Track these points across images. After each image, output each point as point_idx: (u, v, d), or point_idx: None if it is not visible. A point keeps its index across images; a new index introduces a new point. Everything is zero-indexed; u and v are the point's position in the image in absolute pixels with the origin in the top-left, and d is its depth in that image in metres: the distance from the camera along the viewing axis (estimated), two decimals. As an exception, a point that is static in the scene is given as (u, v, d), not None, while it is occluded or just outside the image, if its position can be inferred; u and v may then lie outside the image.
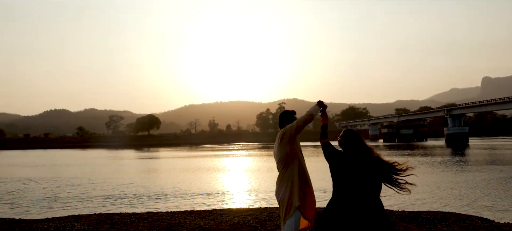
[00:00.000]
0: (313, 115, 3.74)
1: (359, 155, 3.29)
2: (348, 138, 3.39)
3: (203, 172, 20.81)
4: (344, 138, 3.41)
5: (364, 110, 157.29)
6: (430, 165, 22.09)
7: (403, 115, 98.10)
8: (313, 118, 3.75)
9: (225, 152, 48.61)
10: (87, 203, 11.35)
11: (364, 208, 3.10)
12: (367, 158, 3.28)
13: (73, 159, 38.92)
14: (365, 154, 3.30)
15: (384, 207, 3.25)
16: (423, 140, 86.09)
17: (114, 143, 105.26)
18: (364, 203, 3.12)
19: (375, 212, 3.12)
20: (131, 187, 14.85)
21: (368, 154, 3.31)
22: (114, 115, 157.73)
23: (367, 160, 3.26)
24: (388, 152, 38.59)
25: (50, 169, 25.36)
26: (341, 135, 3.46)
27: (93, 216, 7.81)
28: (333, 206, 3.24)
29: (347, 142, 3.38)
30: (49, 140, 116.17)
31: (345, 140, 3.39)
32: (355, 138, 3.38)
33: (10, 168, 27.18)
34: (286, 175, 3.73)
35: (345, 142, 3.38)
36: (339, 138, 3.47)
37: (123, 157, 41.94)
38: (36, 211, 10.24)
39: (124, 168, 25.85)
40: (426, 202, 10.52)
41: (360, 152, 3.31)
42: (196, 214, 7.85)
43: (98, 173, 21.80)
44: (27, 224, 7.02)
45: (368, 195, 3.15)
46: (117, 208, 10.31)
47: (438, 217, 6.93)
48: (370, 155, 3.31)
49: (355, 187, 3.15)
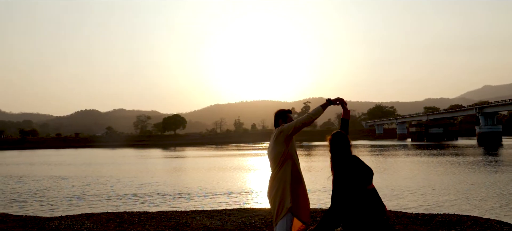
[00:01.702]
0: (313, 119, 3.62)
1: (345, 159, 3.21)
2: (336, 142, 3.29)
3: (227, 171, 20.89)
4: (332, 142, 3.31)
5: (392, 109, 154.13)
6: (459, 165, 21.38)
7: (432, 113, 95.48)
8: (313, 122, 3.63)
9: (250, 151, 48.71)
10: (112, 201, 11.59)
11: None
12: (352, 163, 3.19)
13: (102, 158, 39.92)
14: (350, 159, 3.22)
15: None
16: (454, 139, 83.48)
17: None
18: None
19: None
20: (155, 186, 15.06)
21: (353, 160, 3.22)
22: (142, 115, 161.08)
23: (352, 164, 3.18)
24: (416, 152, 37.63)
25: (79, 168, 26.10)
26: (330, 138, 3.34)
27: (104, 215, 7.96)
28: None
29: (335, 146, 3.29)
30: (79, 139, 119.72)
31: (334, 143, 3.30)
32: (342, 142, 3.27)
33: (43, 166, 28.15)
34: (279, 175, 3.65)
35: (334, 146, 3.29)
36: (328, 142, 3.37)
37: (150, 155, 42.70)
38: (63, 209, 10.54)
39: (151, 167, 26.28)
40: (445, 205, 10.14)
41: (346, 157, 3.22)
42: (205, 213, 7.86)
43: (126, 171, 22.25)
44: (40, 221, 7.24)
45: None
46: (140, 207, 10.47)
47: (453, 221, 6.59)
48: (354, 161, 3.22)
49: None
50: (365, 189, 3.14)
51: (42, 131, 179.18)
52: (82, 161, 34.69)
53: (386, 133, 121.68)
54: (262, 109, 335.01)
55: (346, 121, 3.68)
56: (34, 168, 26.66)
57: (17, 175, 21.50)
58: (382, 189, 13.03)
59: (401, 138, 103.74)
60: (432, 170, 19.41)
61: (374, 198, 3.14)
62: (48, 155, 51.79)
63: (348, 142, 3.29)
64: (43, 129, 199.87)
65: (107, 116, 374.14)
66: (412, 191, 12.50)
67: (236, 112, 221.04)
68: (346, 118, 3.69)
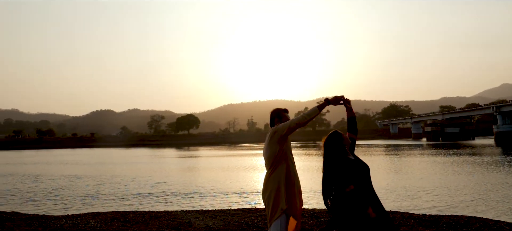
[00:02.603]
0: (308, 120, 3.55)
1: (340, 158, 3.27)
2: (327, 144, 3.35)
3: (239, 171, 20.90)
4: (325, 144, 3.36)
5: (406, 108, 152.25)
6: (476, 165, 20.96)
7: (448, 113, 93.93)
8: (308, 122, 3.57)
9: (262, 150, 48.63)
10: (125, 201, 11.69)
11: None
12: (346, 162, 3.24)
13: (117, 157, 40.39)
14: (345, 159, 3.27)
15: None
16: (470, 138, 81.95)
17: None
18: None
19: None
20: (168, 185, 15.15)
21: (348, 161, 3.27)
22: (156, 115, 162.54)
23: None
24: (432, 151, 37.07)
25: (94, 167, 26.45)
26: (324, 140, 3.40)
27: (110, 214, 8.03)
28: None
29: (326, 148, 3.34)
30: (94, 139, 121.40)
31: (326, 145, 3.35)
32: (332, 145, 3.33)
33: (59, 166, 28.61)
34: (273, 176, 3.60)
35: (325, 148, 3.34)
36: (323, 142, 3.39)
37: (165, 155, 43.03)
38: (76, 207, 10.66)
39: (165, 166, 26.46)
40: (460, 206, 9.90)
41: (333, 159, 3.28)
42: (209, 213, 7.85)
43: (140, 171, 22.44)
44: (46, 220, 7.35)
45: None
46: (151, 206, 10.53)
47: (461, 222, 6.40)
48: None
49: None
50: (342, 191, 3.13)
51: (58, 130, 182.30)
52: (97, 160, 35.16)
53: (401, 133, 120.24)
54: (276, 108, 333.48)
55: (352, 118, 3.60)
56: (50, 167, 27.11)
57: (34, 174, 21.90)
58: (396, 189, 12.86)
59: (416, 137, 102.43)
60: (447, 170, 19.07)
61: (352, 200, 3.11)
62: (64, 154, 52.64)
63: (341, 144, 3.30)
64: (59, 129, 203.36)
65: (122, 116, 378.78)
66: (426, 191, 12.30)
67: (249, 112, 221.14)
68: (351, 115, 3.60)
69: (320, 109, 3.54)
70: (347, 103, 3.57)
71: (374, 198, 3.17)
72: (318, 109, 3.53)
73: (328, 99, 3.56)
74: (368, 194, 3.14)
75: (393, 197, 11.36)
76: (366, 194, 3.14)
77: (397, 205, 10.03)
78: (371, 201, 3.13)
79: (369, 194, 3.15)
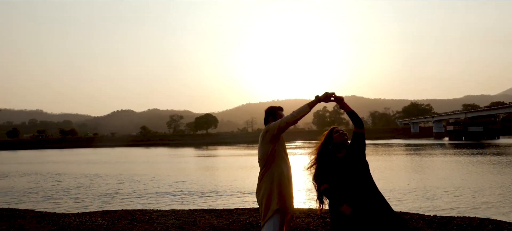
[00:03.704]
0: (298, 118, 3.51)
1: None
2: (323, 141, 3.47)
3: (257, 170, 20.84)
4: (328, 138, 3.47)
5: (428, 106, 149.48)
6: (501, 166, 20.33)
7: (471, 111, 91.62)
8: (298, 121, 3.53)
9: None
10: (142, 199, 11.80)
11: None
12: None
13: (136, 157, 40.96)
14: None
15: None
16: (495, 138, 79.66)
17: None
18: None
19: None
20: (187, 184, 15.23)
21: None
22: (175, 114, 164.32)
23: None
24: (454, 151, 36.19)
25: (114, 166, 26.86)
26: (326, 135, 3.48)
27: (118, 212, 8.11)
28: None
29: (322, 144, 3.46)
30: (115, 139, 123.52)
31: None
32: (325, 141, 3.47)
33: (80, 165, 29.19)
34: (266, 176, 3.57)
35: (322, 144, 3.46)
36: (323, 138, 3.45)
37: (183, 154, 43.40)
38: (95, 206, 10.83)
39: (183, 165, 26.67)
40: (482, 207, 9.56)
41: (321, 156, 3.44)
42: (216, 213, 7.84)
43: (159, 170, 22.67)
44: (57, 218, 7.51)
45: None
46: (168, 205, 10.58)
47: (473, 224, 6.13)
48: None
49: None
50: (318, 190, 3.36)
51: (80, 130, 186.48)
52: (117, 160, 35.71)
53: (422, 132, 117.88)
54: (294, 108, 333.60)
55: (351, 113, 3.46)
56: (72, 166, 27.69)
57: (56, 172, 22.40)
58: (415, 189, 12.57)
59: (437, 136, 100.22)
60: (471, 170, 18.56)
61: (328, 198, 3.28)
62: (86, 153, 53.73)
63: (327, 144, 3.40)
64: (81, 129, 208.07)
65: (142, 116, 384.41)
66: (448, 192, 11.97)
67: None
68: (348, 110, 3.47)
69: (310, 107, 3.50)
70: (339, 101, 3.45)
71: (354, 195, 3.14)
72: (309, 107, 3.50)
73: (319, 96, 3.47)
74: (343, 192, 3.15)
75: (412, 197, 11.10)
76: (340, 192, 3.17)
77: (416, 206, 9.79)
78: (347, 198, 3.13)
79: (345, 191, 3.15)
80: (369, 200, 3.12)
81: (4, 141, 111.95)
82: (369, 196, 3.14)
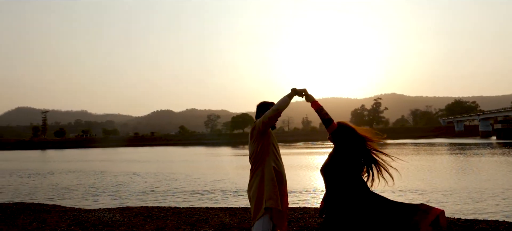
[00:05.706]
0: (280, 110, 3.42)
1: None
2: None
3: (292, 170, 20.59)
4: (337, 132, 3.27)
5: (473, 104, 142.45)
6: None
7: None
8: (280, 113, 3.43)
9: (317, 149, 47.89)
10: (176, 197, 11.93)
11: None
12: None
13: (174, 156, 41.77)
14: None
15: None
16: (548, 136, 74.74)
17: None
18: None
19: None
20: (221, 183, 15.24)
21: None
22: (212, 114, 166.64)
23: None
24: (503, 151, 34.17)
25: (153, 165, 27.48)
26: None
27: (137, 209, 8.31)
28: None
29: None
30: (154, 138, 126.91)
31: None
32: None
33: (121, 163, 30.12)
34: (256, 174, 3.47)
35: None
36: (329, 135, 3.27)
37: (220, 153, 43.80)
38: (131, 202, 11.03)
39: (219, 164, 26.85)
40: (503, 210, 8.85)
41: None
42: (229, 211, 7.85)
43: (196, 169, 22.94)
44: (78, 213, 7.82)
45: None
46: (200, 203, 10.59)
47: (500, 229, 5.69)
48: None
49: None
50: None
51: (122, 130, 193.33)
52: (156, 158, 36.57)
53: (467, 130, 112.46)
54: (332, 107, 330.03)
55: (317, 112, 3.34)
56: (113, 164, 28.62)
57: (98, 170, 23.21)
58: (458, 191, 11.88)
59: (484, 135, 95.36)
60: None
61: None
62: (127, 152, 55.47)
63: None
64: (123, 129, 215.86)
65: (180, 116, 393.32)
66: (494, 194, 11.18)
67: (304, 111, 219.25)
68: (319, 107, 3.35)
69: (289, 98, 3.50)
70: (307, 98, 3.47)
71: (335, 191, 3.04)
72: (288, 98, 3.49)
73: (295, 89, 3.52)
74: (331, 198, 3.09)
75: (454, 199, 10.46)
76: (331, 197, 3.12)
77: (458, 209, 9.19)
78: (328, 194, 3.12)
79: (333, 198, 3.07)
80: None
81: (51, 140, 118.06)
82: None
